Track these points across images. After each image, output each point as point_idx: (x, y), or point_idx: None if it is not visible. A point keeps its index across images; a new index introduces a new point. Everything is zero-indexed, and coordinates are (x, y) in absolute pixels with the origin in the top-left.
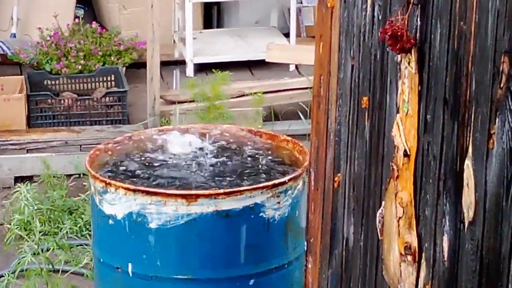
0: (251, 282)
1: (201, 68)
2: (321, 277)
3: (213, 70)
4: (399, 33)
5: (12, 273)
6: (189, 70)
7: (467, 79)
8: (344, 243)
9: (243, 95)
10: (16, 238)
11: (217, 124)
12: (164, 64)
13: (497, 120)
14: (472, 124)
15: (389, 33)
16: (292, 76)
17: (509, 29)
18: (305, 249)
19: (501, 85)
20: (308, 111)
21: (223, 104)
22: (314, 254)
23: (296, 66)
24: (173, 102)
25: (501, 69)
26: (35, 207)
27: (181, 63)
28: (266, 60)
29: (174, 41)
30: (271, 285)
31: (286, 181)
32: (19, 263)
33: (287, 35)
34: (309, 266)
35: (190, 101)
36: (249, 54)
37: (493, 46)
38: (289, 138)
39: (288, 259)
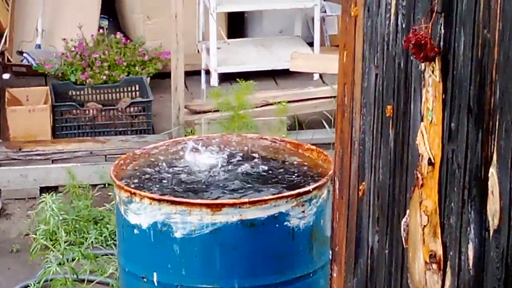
0: None
1: (226, 78)
2: (346, 286)
3: (237, 79)
4: (423, 42)
5: (37, 283)
6: (214, 79)
7: (491, 87)
8: (369, 252)
9: (267, 104)
10: (41, 248)
11: (241, 133)
12: (189, 74)
13: None
14: (496, 132)
15: (413, 42)
16: (316, 85)
17: None
18: (330, 257)
19: None
20: (332, 120)
21: (247, 114)
22: (339, 263)
23: (320, 75)
24: (197, 112)
25: None
26: (61, 218)
27: (206, 72)
28: (290, 69)
29: (198, 51)
30: None
31: (311, 190)
32: (44, 273)
33: (311, 44)
34: (334, 275)
35: (215, 111)
36: (273, 63)
37: None
38: (313, 147)
39: (313, 268)
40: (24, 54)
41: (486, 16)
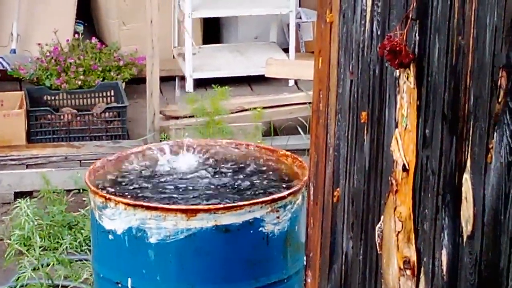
0: None
1: (201, 83)
2: None
3: (212, 85)
4: (397, 48)
5: None
6: (189, 85)
7: (465, 94)
8: (343, 258)
9: (242, 110)
10: (16, 253)
11: (216, 139)
12: (164, 79)
13: (495, 134)
14: (470, 138)
15: (387, 48)
16: (292, 91)
17: (507, 44)
18: (305, 264)
19: (499, 99)
20: (307, 126)
21: (223, 119)
22: (314, 269)
23: (296, 81)
24: (172, 118)
25: (499, 83)
26: (35, 223)
27: (181, 78)
28: (266, 76)
29: (173, 56)
30: None
31: (286, 195)
32: (18, 278)
33: (286, 50)
34: (308, 280)
35: (190, 116)
36: (248, 69)
37: (491, 60)
38: (288, 153)
39: (287, 274)
40: None
41: (460, 23)
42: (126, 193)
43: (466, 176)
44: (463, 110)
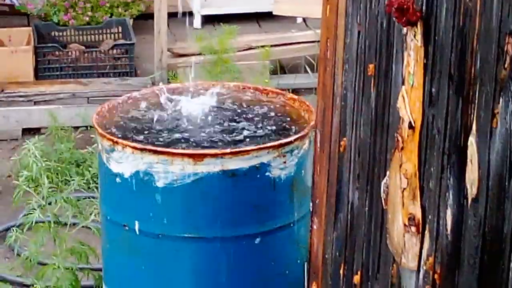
0: (257, 240)
1: (209, 20)
2: (326, 239)
3: (220, 23)
4: (405, 6)
5: (18, 226)
6: (197, 21)
7: (472, 57)
8: (349, 207)
9: (250, 48)
10: (24, 193)
11: (223, 81)
12: (172, 15)
13: (501, 100)
14: (476, 101)
15: (395, 6)
16: (300, 29)
17: None
18: (311, 210)
19: (505, 65)
20: (314, 65)
21: (230, 58)
22: (319, 216)
23: (304, 19)
24: (180, 55)
25: (505, 49)
26: (43, 164)
27: (189, 14)
28: (274, 13)
29: None
30: (277, 244)
31: (292, 140)
32: (26, 216)
33: None
34: (314, 227)
35: (198, 54)
36: (257, 6)
37: (498, 26)
38: (295, 96)
39: (293, 218)
40: None
41: None
42: (135, 136)
43: (472, 139)
44: (469, 73)
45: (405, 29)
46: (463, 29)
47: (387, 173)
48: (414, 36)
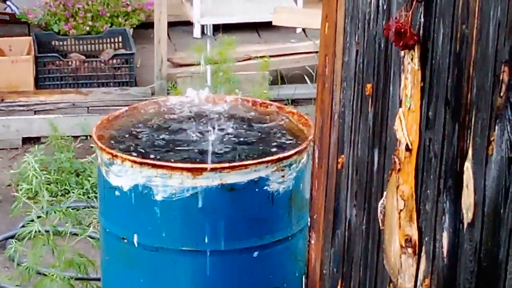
0: (255, 254)
1: (208, 29)
2: (324, 255)
3: (219, 34)
4: (402, 30)
5: (16, 237)
6: (196, 31)
7: (468, 83)
8: (347, 224)
9: (249, 59)
10: (23, 205)
11: (222, 94)
12: (172, 24)
13: (496, 128)
14: (472, 127)
15: (393, 30)
16: (299, 38)
17: (510, 39)
18: (309, 224)
19: (501, 94)
20: (314, 75)
21: (230, 68)
22: (317, 231)
23: (303, 29)
24: (180, 65)
25: (501, 78)
26: (43, 177)
27: (188, 23)
28: (273, 24)
29: (181, 1)
30: (275, 257)
31: (291, 155)
32: (24, 226)
33: None
34: (312, 242)
35: (197, 64)
36: (256, 15)
37: (494, 54)
38: (294, 110)
39: (291, 232)
40: (8, 2)
41: (464, 12)
42: (133, 150)
43: (468, 165)
44: (466, 98)
45: (402, 52)
46: (460, 55)
47: (384, 193)
48: (412, 60)
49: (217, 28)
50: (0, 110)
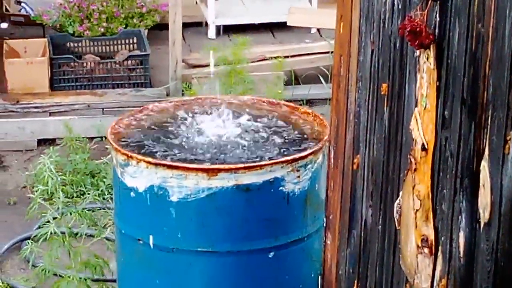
0: (271, 254)
1: (223, 30)
2: (340, 255)
3: (234, 35)
4: (418, 29)
5: (32, 239)
6: (211, 32)
7: (484, 82)
8: (363, 225)
9: (264, 59)
10: (39, 206)
11: (237, 95)
12: (187, 25)
13: None
14: (489, 126)
15: (408, 29)
16: (314, 39)
17: None
18: (324, 225)
19: None
20: (329, 75)
21: (244, 68)
22: (333, 232)
23: (318, 28)
24: (195, 66)
25: None
26: (59, 179)
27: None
28: (288, 24)
29: (196, 2)
30: (290, 258)
31: (306, 155)
32: (40, 227)
33: None
34: (328, 242)
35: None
36: (271, 16)
37: (510, 53)
38: (309, 110)
39: (307, 232)
40: (22, 4)
41: (480, 11)
42: (149, 151)
43: (484, 164)
44: (482, 97)
45: (418, 51)
46: (476, 54)
47: (400, 193)
48: (427, 59)
49: (232, 29)
50: (15, 112)
